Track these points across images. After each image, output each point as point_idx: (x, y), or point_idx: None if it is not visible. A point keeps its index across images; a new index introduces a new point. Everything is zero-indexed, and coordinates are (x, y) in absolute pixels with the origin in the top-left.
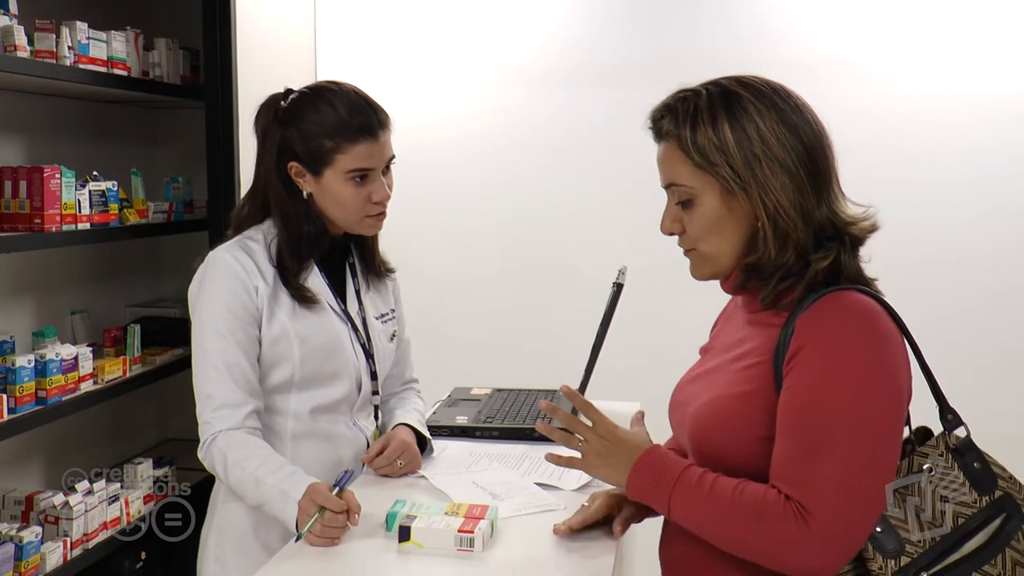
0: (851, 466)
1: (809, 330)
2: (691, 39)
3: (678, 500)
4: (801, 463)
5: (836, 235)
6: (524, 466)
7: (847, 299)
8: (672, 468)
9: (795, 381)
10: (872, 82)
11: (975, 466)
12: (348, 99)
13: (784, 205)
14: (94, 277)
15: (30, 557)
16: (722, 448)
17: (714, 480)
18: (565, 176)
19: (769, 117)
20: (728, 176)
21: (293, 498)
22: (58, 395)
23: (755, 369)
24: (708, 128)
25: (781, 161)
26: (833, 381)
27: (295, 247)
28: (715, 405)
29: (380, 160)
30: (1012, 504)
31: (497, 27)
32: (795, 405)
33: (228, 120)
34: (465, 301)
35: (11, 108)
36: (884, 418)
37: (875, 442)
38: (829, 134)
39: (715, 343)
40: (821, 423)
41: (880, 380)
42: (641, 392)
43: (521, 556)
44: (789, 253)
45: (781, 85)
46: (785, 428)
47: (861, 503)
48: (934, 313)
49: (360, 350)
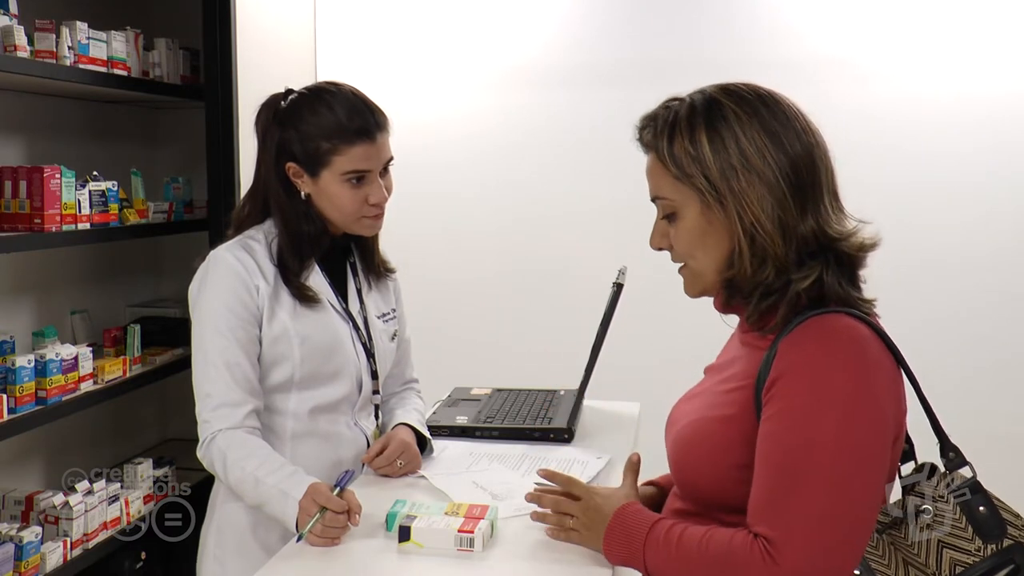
0: (828, 504)
1: (791, 355)
2: (691, 39)
3: (650, 558)
4: (776, 499)
5: (820, 252)
6: (524, 466)
7: (833, 323)
8: (640, 526)
9: (775, 410)
10: (872, 82)
11: (980, 510)
12: (346, 101)
13: (761, 219)
14: (94, 277)
15: (30, 557)
16: (698, 472)
17: (681, 532)
18: (565, 176)
19: (750, 127)
20: (704, 188)
21: (294, 498)
22: (58, 395)
23: (737, 393)
24: (685, 139)
25: (760, 173)
26: (813, 412)
27: (296, 247)
28: (695, 427)
29: (377, 162)
30: (1023, 554)
31: (497, 27)
32: (773, 437)
33: (228, 120)
34: (465, 301)
35: (11, 108)
36: (866, 453)
37: (856, 479)
38: (824, 145)
39: (716, 363)
40: (798, 457)
41: (864, 412)
42: (641, 392)
43: (521, 556)
44: (768, 270)
45: (771, 92)
46: (762, 461)
47: (836, 543)
48: (934, 313)
49: (361, 349)
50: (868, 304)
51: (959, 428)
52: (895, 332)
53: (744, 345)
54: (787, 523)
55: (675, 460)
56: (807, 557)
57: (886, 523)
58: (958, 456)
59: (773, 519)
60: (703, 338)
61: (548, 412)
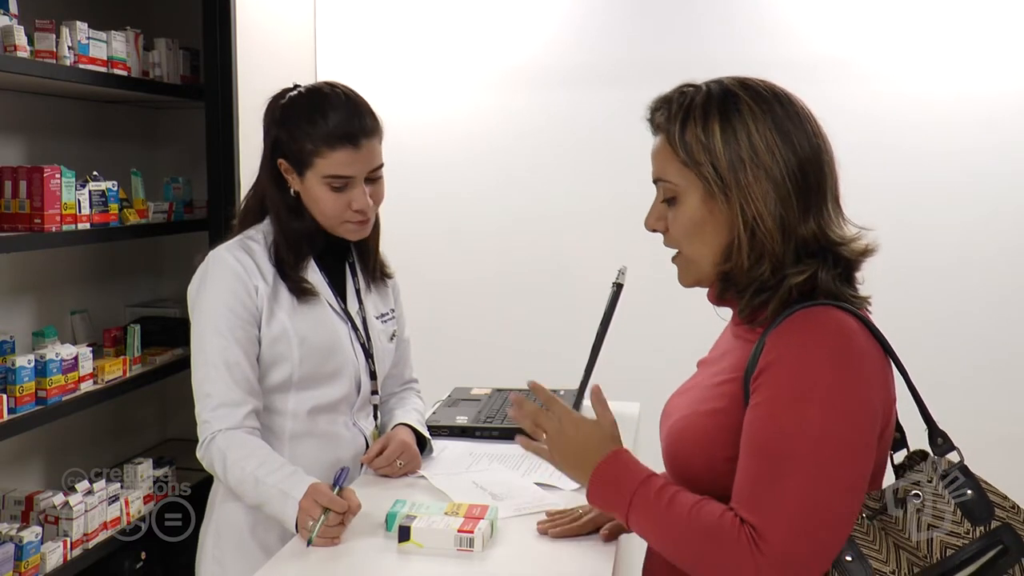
0: (811, 492)
1: (777, 347)
2: (691, 39)
3: (636, 512)
4: (759, 487)
5: (819, 252)
6: (524, 466)
7: (820, 315)
8: (632, 478)
9: (760, 399)
10: (872, 82)
11: (968, 494)
12: (338, 104)
13: (763, 215)
14: (94, 277)
15: (30, 557)
16: (690, 466)
17: (673, 495)
18: (565, 176)
19: (763, 123)
20: (711, 177)
21: (294, 498)
22: (58, 395)
23: (726, 386)
24: (698, 126)
25: (768, 169)
26: (797, 401)
27: (290, 242)
28: (687, 421)
29: (361, 169)
30: (1012, 535)
31: (497, 27)
32: (757, 425)
33: (228, 120)
34: (465, 301)
35: (11, 108)
36: (850, 442)
37: (839, 468)
38: (831, 151)
39: (709, 356)
40: (782, 445)
41: (848, 401)
42: (641, 392)
43: (521, 556)
44: (764, 266)
45: (786, 92)
46: (747, 448)
47: (820, 531)
48: (935, 312)
49: (359, 349)
50: (860, 300)
51: (959, 428)
52: (895, 332)
53: (735, 338)
54: (770, 511)
55: (668, 454)
56: (790, 545)
57: (876, 508)
58: (946, 442)
59: (756, 507)
60: (703, 338)
61: None
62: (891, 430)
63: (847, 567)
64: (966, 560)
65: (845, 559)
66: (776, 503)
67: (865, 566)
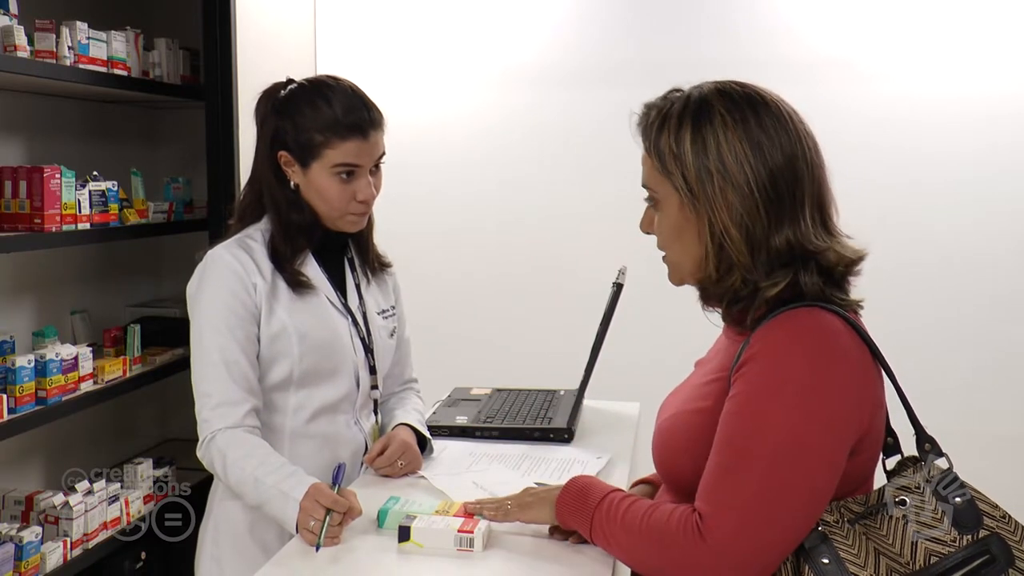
0: (763, 491)
1: (759, 345)
2: (691, 39)
3: (596, 529)
4: (717, 478)
5: (795, 262)
6: (524, 466)
7: (804, 316)
8: (594, 494)
9: (734, 393)
10: (872, 82)
11: (956, 501)
12: (344, 95)
13: (729, 227)
14: (94, 277)
15: (30, 557)
16: (678, 464)
17: (629, 505)
18: (565, 176)
19: (734, 133)
20: (681, 188)
21: (294, 499)
22: (58, 395)
23: (713, 385)
24: (671, 135)
25: (734, 181)
26: (765, 397)
27: (287, 235)
28: (674, 420)
29: (368, 158)
30: (1001, 545)
31: (497, 27)
32: (727, 419)
33: (228, 120)
34: (465, 301)
35: (11, 108)
36: (813, 442)
37: (798, 471)
38: (814, 155)
39: (704, 357)
40: (745, 438)
41: (820, 407)
42: (641, 392)
43: (521, 556)
44: (735, 276)
45: (766, 98)
46: (716, 440)
47: (765, 530)
48: (934, 312)
49: (359, 345)
50: (850, 303)
51: (959, 428)
52: (895, 332)
53: (727, 339)
54: (720, 500)
55: (657, 453)
56: (732, 536)
57: (860, 513)
58: (935, 447)
59: (710, 497)
60: (703, 338)
61: (548, 412)
62: (878, 434)
63: (823, 569)
64: (950, 568)
65: (822, 561)
66: (728, 496)
67: (842, 569)
